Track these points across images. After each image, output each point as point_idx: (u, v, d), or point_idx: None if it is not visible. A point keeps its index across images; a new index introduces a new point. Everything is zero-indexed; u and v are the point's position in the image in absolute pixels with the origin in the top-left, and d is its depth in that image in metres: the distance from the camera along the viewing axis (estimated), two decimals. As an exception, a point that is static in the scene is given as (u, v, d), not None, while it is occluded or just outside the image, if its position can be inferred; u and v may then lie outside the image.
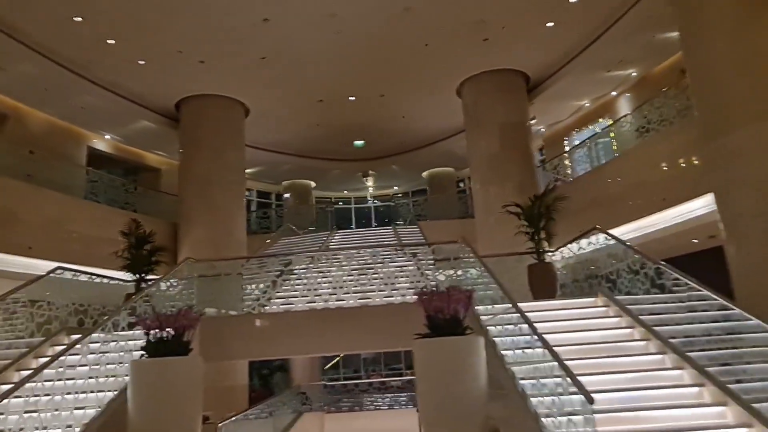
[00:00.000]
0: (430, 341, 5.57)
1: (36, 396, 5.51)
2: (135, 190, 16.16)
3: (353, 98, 16.62)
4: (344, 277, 8.69)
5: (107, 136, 17.95)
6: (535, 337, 5.32)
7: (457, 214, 20.72)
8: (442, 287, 8.37)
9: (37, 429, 5.18)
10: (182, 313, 5.78)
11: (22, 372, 7.10)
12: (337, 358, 23.91)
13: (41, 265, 13.03)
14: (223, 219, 15.60)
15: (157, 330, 5.75)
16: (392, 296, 8.63)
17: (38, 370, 5.53)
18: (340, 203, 25.73)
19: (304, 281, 8.90)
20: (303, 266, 9.24)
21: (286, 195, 24.03)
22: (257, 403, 14.23)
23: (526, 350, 5.62)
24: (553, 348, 5.04)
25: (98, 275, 9.43)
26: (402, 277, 9.77)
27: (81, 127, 16.88)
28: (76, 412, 5.66)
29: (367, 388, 17.87)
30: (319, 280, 8.74)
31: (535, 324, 5.57)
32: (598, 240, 7.87)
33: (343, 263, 9.16)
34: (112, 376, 6.30)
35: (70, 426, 5.52)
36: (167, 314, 5.76)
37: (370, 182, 24.55)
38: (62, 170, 14.02)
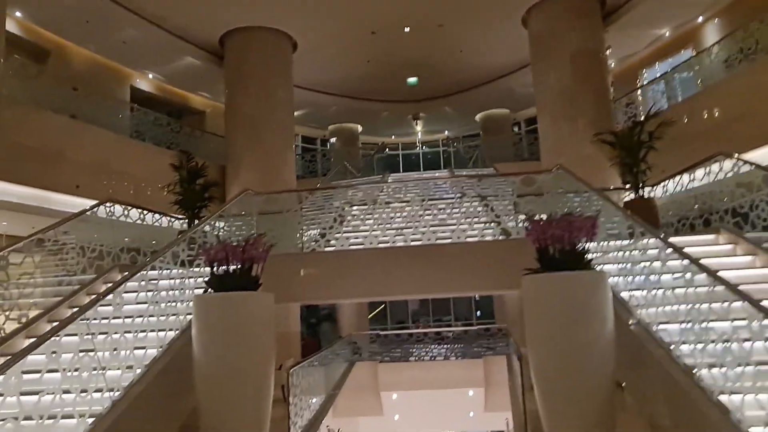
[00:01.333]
0: (546, 278, 4.63)
1: (91, 334, 4.87)
2: (180, 130, 15.45)
3: (408, 29, 15.32)
4: (417, 213, 7.78)
5: (150, 75, 17.24)
6: (701, 275, 4.32)
7: (512, 158, 19.58)
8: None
9: (95, 369, 4.56)
10: (251, 243, 4.98)
11: (74, 310, 6.54)
12: (381, 307, 23.42)
13: (89, 205, 12.64)
14: (272, 160, 14.82)
15: (222, 262, 4.99)
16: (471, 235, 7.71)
17: (92, 303, 4.85)
18: (387, 149, 24.63)
19: (374, 217, 8.02)
20: (368, 203, 8.34)
21: (332, 140, 23.11)
22: (307, 351, 13.78)
23: (667, 292, 4.62)
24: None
25: (149, 210, 8.80)
26: (475, 219, 8.80)
27: (124, 65, 16.19)
28: (136, 351, 5.01)
29: (422, 338, 17.24)
30: (390, 215, 7.84)
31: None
32: (723, 167, 6.67)
33: (411, 197, 8.22)
34: (173, 314, 5.64)
35: (130, 367, 4.88)
36: (234, 244, 4.98)
37: (419, 126, 23.36)
38: (107, 108, 13.36)
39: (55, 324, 5.76)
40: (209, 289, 5.11)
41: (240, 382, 4.76)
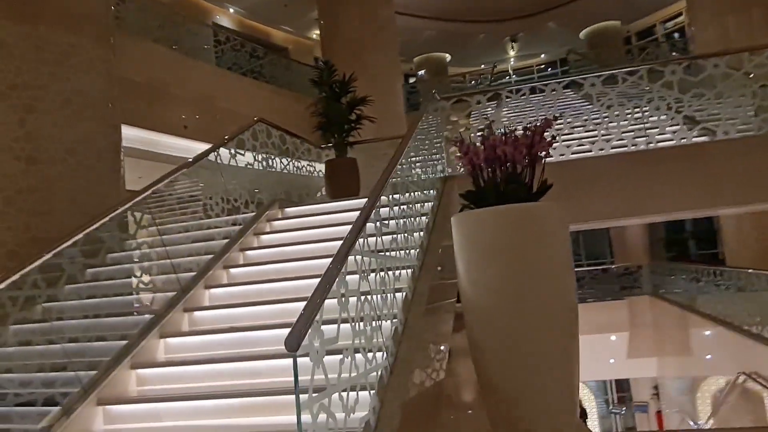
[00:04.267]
0: None
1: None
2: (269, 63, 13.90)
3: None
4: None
5: (231, 9, 15.76)
6: None
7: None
8: None
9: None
10: (538, 132, 3.40)
11: (247, 252, 5.25)
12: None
13: (195, 148, 11.46)
14: (379, 90, 13.05)
15: (495, 161, 3.45)
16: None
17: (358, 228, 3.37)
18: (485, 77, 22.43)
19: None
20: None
21: (421, 72, 21.19)
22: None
23: None
24: None
25: (299, 137, 7.42)
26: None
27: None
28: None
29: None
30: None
31: None
32: None
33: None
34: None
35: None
36: (512, 136, 3.42)
37: (513, 51, 21.09)
38: (201, 40, 11.95)
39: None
40: (468, 205, 3.62)
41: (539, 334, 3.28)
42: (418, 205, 4.62)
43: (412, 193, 4.49)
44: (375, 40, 13.20)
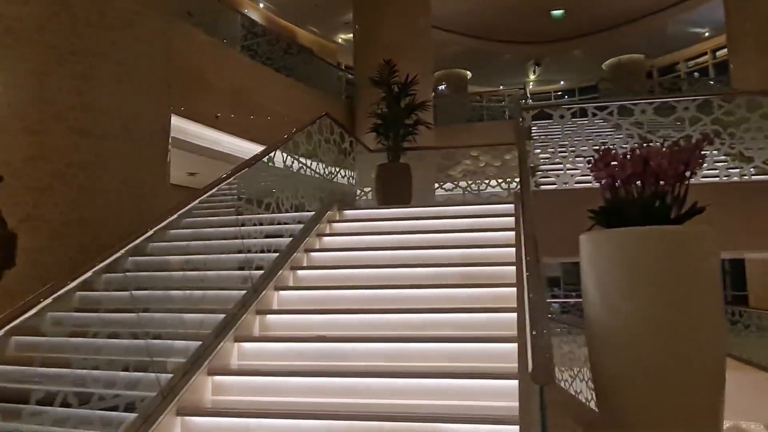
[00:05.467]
0: None
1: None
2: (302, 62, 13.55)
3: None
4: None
5: (261, 5, 15.42)
6: None
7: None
8: None
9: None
10: (697, 146, 3.07)
11: (311, 254, 4.84)
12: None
13: (224, 141, 11.02)
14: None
15: (637, 177, 3.11)
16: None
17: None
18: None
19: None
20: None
21: (441, 87, 20.96)
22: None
23: None
24: None
25: (355, 137, 7.03)
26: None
27: (237, -10, 14.39)
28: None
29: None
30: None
31: None
32: None
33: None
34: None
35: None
36: (664, 148, 3.07)
37: (534, 75, 21.00)
38: (234, 29, 11.53)
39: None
40: (596, 222, 3.27)
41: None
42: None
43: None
44: (411, 48, 12.91)
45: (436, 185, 7.74)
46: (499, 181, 7.14)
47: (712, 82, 17.26)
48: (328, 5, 14.62)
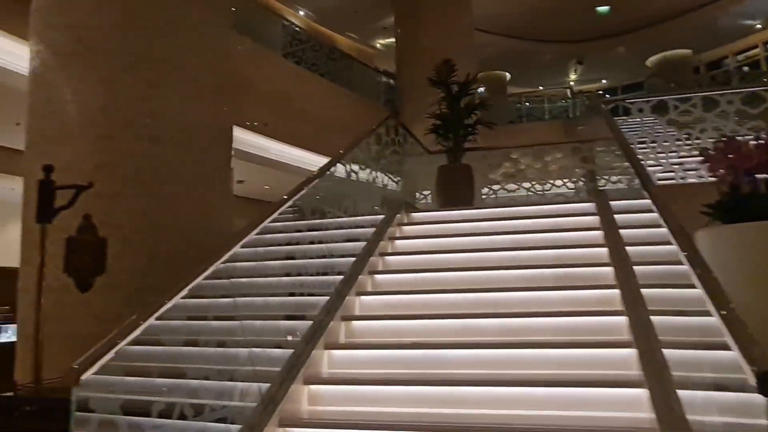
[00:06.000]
0: None
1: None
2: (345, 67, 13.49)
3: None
4: None
5: (301, 12, 15.47)
6: None
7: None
8: None
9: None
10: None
11: (386, 258, 4.66)
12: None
13: (273, 148, 11.01)
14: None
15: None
16: None
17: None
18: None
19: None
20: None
21: (480, 89, 20.67)
22: None
23: None
24: None
25: (416, 138, 6.84)
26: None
27: (278, -1, 14.47)
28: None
29: None
30: None
31: None
32: None
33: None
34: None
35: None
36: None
37: (575, 74, 20.55)
38: (276, 36, 11.51)
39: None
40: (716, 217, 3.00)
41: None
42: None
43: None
44: (455, 50, 12.70)
45: (486, 188, 7.46)
46: (564, 180, 6.86)
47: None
48: (367, 11, 14.57)
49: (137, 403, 2.15)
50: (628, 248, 3.86)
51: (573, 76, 20.78)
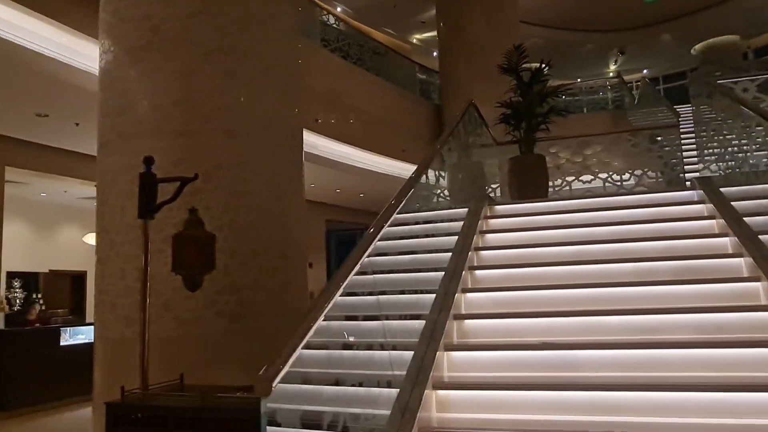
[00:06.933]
0: None
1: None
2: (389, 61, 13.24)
3: None
4: None
5: (339, 8, 15.27)
6: None
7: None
8: None
9: None
10: None
11: (480, 252, 4.39)
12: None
13: (320, 145, 10.81)
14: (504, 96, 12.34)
15: None
16: None
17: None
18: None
19: None
20: None
21: (517, 82, 20.26)
22: None
23: None
24: None
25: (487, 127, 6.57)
26: None
27: (316, -6, 14.26)
28: None
29: None
30: None
31: None
32: None
33: None
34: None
35: None
36: None
37: (616, 64, 19.99)
38: (323, 28, 11.31)
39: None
40: None
41: None
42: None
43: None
44: (500, 43, 12.39)
45: (559, 179, 7.14)
46: (644, 170, 6.50)
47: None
48: (405, 5, 14.32)
49: (310, 414, 1.93)
50: (762, 237, 3.54)
51: (613, 67, 20.22)
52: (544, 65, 6.58)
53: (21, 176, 8.81)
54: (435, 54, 18.45)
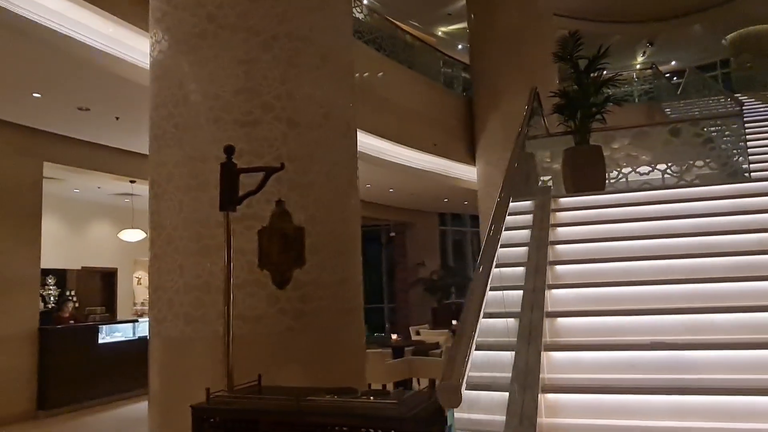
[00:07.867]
0: None
1: None
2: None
3: None
4: None
5: (365, 0, 15.04)
6: None
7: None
8: None
9: None
10: None
11: (556, 247, 4.19)
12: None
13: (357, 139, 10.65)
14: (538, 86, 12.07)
15: None
16: None
17: None
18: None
19: None
20: None
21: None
22: None
23: None
24: None
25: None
26: None
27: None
28: None
29: None
30: None
31: None
32: None
33: None
34: None
35: None
36: None
37: (643, 56, 19.59)
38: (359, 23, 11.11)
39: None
40: None
41: None
42: None
43: None
44: (532, 35, 12.15)
45: (615, 171, 6.89)
46: (706, 161, 6.24)
47: None
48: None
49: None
50: None
51: (640, 59, 19.82)
52: (600, 52, 6.29)
53: (58, 172, 8.71)
54: (459, 47, 18.21)
